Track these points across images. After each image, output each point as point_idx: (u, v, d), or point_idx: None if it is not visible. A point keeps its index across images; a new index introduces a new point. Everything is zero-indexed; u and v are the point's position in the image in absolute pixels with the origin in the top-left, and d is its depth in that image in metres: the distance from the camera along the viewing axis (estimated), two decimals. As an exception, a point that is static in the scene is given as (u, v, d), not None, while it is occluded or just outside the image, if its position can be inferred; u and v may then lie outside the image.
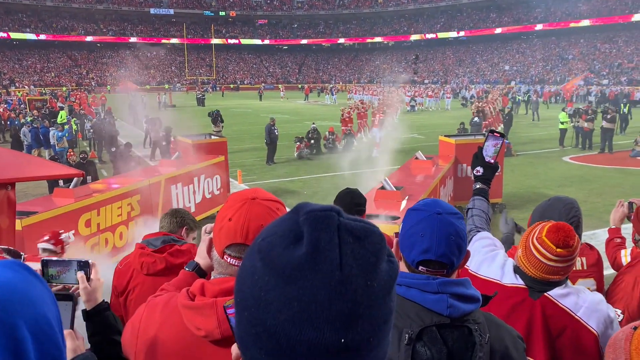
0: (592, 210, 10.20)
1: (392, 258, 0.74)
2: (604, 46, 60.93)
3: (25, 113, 28.45)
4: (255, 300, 0.69)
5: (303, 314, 0.65)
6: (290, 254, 0.68)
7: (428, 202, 1.48)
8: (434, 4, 79.60)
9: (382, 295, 0.69)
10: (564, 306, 1.94)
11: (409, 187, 7.97)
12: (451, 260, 1.39)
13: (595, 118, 19.25)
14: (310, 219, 0.70)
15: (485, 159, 2.44)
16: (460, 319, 1.33)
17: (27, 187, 12.17)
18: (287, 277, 0.67)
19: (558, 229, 1.93)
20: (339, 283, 0.66)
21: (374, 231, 0.72)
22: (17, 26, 70.60)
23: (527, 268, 1.99)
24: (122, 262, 3.08)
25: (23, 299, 0.80)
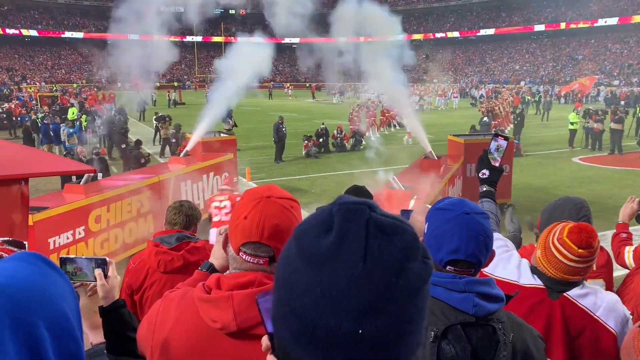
0: (601, 211, 10.12)
1: (427, 259, 0.74)
2: (615, 46, 60.40)
3: (36, 109, 28.65)
4: (284, 282, 0.73)
5: (324, 300, 0.67)
6: (319, 242, 0.70)
7: (455, 202, 1.49)
8: (443, 3, 79.24)
9: (407, 293, 0.69)
10: (583, 306, 1.94)
11: (418, 186, 7.96)
12: (479, 259, 1.41)
13: (605, 119, 19.10)
14: (342, 211, 0.72)
15: (490, 161, 2.44)
16: (484, 318, 1.35)
17: (37, 183, 12.28)
18: (313, 263, 0.69)
19: (580, 230, 1.92)
20: (361, 275, 0.67)
21: (406, 229, 0.72)
22: (29, 23, 71.08)
23: (546, 269, 1.98)
24: (135, 260, 3.09)
25: (41, 297, 0.80)
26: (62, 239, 6.63)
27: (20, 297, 0.78)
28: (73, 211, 6.88)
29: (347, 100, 45.45)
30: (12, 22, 69.64)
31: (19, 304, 0.77)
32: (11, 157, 2.78)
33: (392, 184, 7.42)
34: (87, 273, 1.51)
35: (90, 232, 7.12)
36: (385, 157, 17.49)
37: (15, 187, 2.55)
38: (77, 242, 6.86)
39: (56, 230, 6.54)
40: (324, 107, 41.21)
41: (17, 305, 0.77)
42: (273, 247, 1.34)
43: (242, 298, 1.32)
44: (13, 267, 0.84)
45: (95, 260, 1.53)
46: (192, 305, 1.37)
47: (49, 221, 6.44)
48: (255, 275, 1.35)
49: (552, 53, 66.07)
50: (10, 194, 2.53)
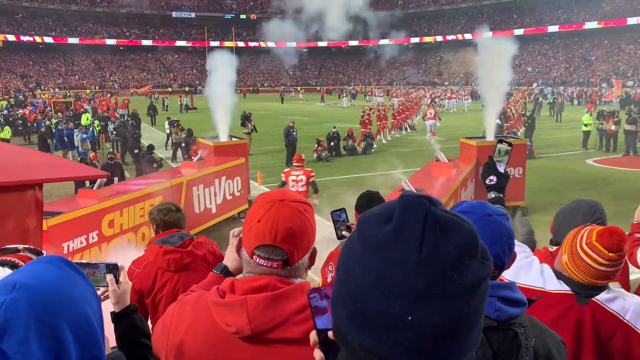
0: (616, 214, 10.00)
1: (486, 261, 0.75)
2: (628, 47, 59.77)
3: (50, 115, 29.01)
4: (344, 264, 0.77)
5: (377, 284, 0.70)
6: (379, 229, 0.74)
7: (475, 205, 1.49)
8: (454, 6, 79.03)
9: (461, 290, 0.70)
10: (612, 310, 1.91)
11: (430, 189, 7.92)
12: (503, 261, 1.41)
13: (621, 120, 18.88)
14: (403, 202, 0.75)
15: (498, 168, 2.43)
16: (506, 322, 1.33)
17: (51, 188, 12.40)
18: (372, 248, 0.73)
19: (612, 233, 1.89)
20: (415, 264, 0.69)
21: (464, 227, 0.74)
22: (43, 30, 72.06)
23: (574, 274, 1.95)
24: (139, 265, 3.11)
25: (66, 300, 0.82)
26: (76, 243, 6.69)
27: (47, 299, 0.79)
28: (86, 216, 6.94)
29: (357, 103, 45.48)
30: (26, 29, 70.64)
31: (45, 306, 0.78)
32: (25, 163, 2.82)
33: (404, 187, 7.39)
34: (99, 278, 1.52)
35: (103, 237, 7.18)
36: (397, 160, 17.45)
37: (30, 192, 2.57)
38: (90, 247, 6.91)
39: (70, 235, 6.60)
40: (335, 110, 41.23)
41: (44, 307, 0.78)
42: (287, 250, 1.34)
43: (256, 302, 1.32)
44: (40, 269, 0.85)
45: (107, 266, 1.54)
46: (207, 309, 1.38)
47: (63, 226, 6.50)
48: (270, 279, 1.35)
49: (564, 54, 65.58)
50: (25, 200, 2.55)
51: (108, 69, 75.20)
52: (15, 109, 35.44)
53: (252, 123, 19.61)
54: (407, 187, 7.32)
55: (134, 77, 74.00)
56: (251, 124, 19.40)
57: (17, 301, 0.77)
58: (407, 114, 26.97)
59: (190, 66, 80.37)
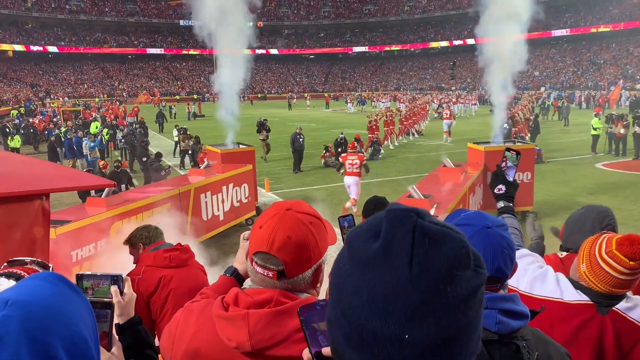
0: (626, 218, 9.93)
1: (480, 268, 0.74)
2: (637, 50, 59.41)
3: (59, 124, 29.25)
4: (336, 284, 0.76)
5: (370, 303, 0.69)
6: (367, 246, 0.72)
7: (473, 216, 1.46)
8: (461, 11, 79.01)
9: (456, 301, 0.69)
10: (633, 319, 1.89)
11: (438, 195, 7.89)
12: (505, 273, 1.39)
13: (630, 124, 18.74)
14: (390, 217, 0.74)
15: (506, 177, 2.41)
16: (508, 335, 1.30)
17: (61, 197, 12.49)
18: (361, 266, 0.72)
19: (632, 242, 1.86)
20: (407, 281, 0.68)
21: (454, 237, 0.72)
22: (52, 40, 72.84)
23: (593, 283, 1.92)
24: (137, 273, 3.27)
25: (59, 317, 0.81)
26: (85, 251, 6.71)
27: (39, 316, 0.78)
28: (95, 224, 6.96)
29: (366, 109, 45.49)
30: (36, 39, 71.43)
31: (38, 323, 0.77)
32: (32, 173, 2.83)
33: (411, 193, 7.36)
34: (103, 289, 1.52)
35: (112, 245, 7.19)
36: (405, 165, 17.42)
37: (37, 202, 2.58)
38: (99, 255, 6.93)
39: (79, 244, 6.62)
40: (341, 116, 41.26)
41: (36, 324, 0.77)
42: (282, 260, 1.31)
43: (258, 318, 1.30)
44: (34, 286, 0.84)
45: (112, 277, 1.54)
46: (211, 320, 1.37)
47: (72, 234, 6.53)
48: (273, 293, 1.33)
49: (572, 58, 65.32)
50: (32, 209, 2.56)
51: (117, 77, 75.82)
52: (25, 118, 35.77)
53: (267, 128, 19.72)
54: (415, 193, 7.29)
55: (142, 85, 74.53)
56: (266, 130, 19.49)
57: (9, 318, 0.76)
58: (415, 119, 26.92)
59: (198, 74, 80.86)
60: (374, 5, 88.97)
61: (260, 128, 19.63)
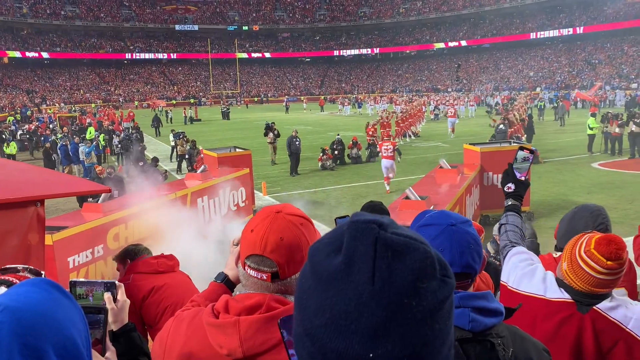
0: (623, 217, 9.96)
1: (447, 278, 0.71)
2: (631, 49, 59.69)
3: (56, 130, 29.19)
4: (299, 302, 0.72)
5: (334, 322, 0.66)
6: (329, 262, 0.69)
7: (437, 215, 1.48)
8: (456, 12, 79.26)
9: (422, 315, 0.66)
10: (614, 319, 1.89)
11: (434, 196, 7.90)
12: (474, 268, 1.40)
13: (627, 124, 18.79)
14: (351, 229, 0.71)
15: (516, 175, 2.42)
16: (482, 333, 1.31)
17: (57, 203, 12.46)
18: (323, 283, 0.69)
19: (609, 242, 1.87)
20: (370, 296, 0.65)
21: (417, 248, 0.69)
22: (48, 46, 72.81)
23: (574, 282, 1.93)
24: (126, 278, 3.31)
25: (50, 322, 0.81)
26: (82, 257, 6.69)
27: (31, 321, 0.79)
28: (92, 230, 6.95)
29: (363, 111, 45.54)
30: (31, 46, 71.37)
31: (29, 329, 0.78)
32: (27, 179, 2.83)
33: (408, 195, 7.37)
34: (96, 296, 1.52)
35: (109, 250, 7.18)
36: (401, 167, 17.44)
37: (32, 208, 2.58)
38: (96, 261, 6.92)
39: (76, 249, 6.61)
40: (338, 119, 41.29)
41: (28, 329, 0.78)
42: (275, 262, 1.32)
43: (248, 324, 1.30)
44: (25, 292, 0.85)
45: (105, 284, 1.54)
46: (201, 328, 1.37)
47: (69, 240, 6.51)
48: (263, 297, 1.33)
49: (567, 58, 65.56)
50: (27, 216, 2.56)
51: (113, 82, 75.77)
52: (22, 124, 35.71)
53: (275, 130, 19.72)
54: (412, 195, 7.31)
55: (138, 90, 74.50)
56: (273, 132, 19.48)
57: (1, 324, 0.77)
58: (411, 121, 26.97)
59: (194, 78, 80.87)
60: (369, 8, 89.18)
61: (268, 131, 19.64)
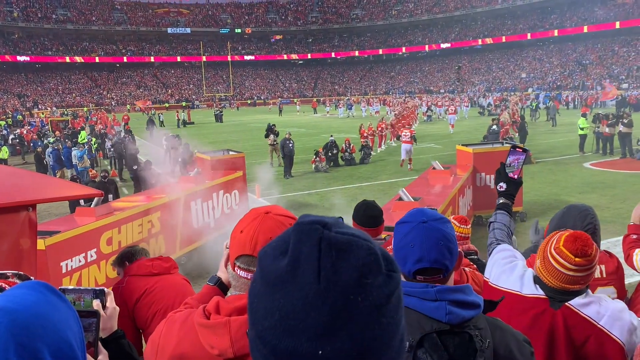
0: (615, 217, 10.02)
1: (392, 272, 0.73)
2: (622, 50, 60.17)
3: (48, 134, 29.04)
4: (250, 306, 0.75)
5: (283, 322, 0.68)
6: (276, 264, 0.72)
7: (413, 213, 1.52)
8: (448, 14, 79.61)
9: (369, 310, 0.68)
10: (585, 315, 1.92)
11: (427, 197, 7.93)
12: (444, 264, 1.43)
13: (617, 123, 18.93)
14: (296, 231, 0.73)
15: (508, 174, 2.45)
16: (460, 325, 1.34)
17: (50, 207, 12.40)
18: (271, 286, 0.71)
19: (575, 239, 1.92)
20: (316, 295, 0.67)
21: (361, 245, 0.71)
22: (40, 49, 72.47)
23: (546, 278, 1.98)
24: (121, 281, 3.33)
25: (45, 323, 0.82)
26: (75, 262, 6.66)
27: (26, 322, 0.80)
28: (84, 234, 6.92)
29: (349, 113, 45.59)
30: (22, 50, 71.03)
31: (25, 330, 0.79)
32: (18, 184, 2.82)
33: (401, 196, 7.40)
34: (85, 303, 1.52)
35: (102, 255, 7.15)
36: (394, 168, 17.48)
37: (23, 213, 2.58)
38: (89, 265, 6.89)
39: (68, 254, 6.58)
40: (331, 121, 41.33)
41: (23, 330, 0.78)
42: None
43: (239, 324, 1.31)
44: (20, 294, 0.86)
45: (94, 291, 1.54)
46: (193, 330, 1.38)
47: (61, 245, 6.48)
48: None
49: (558, 59, 65.99)
50: (18, 221, 2.55)
51: (105, 86, 75.52)
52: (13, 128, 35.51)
53: (275, 132, 19.69)
54: (405, 197, 7.33)
55: (130, 93, 74.28)
56: (274, 135, 19.44)
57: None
58: (404, 122, 27.03)
59: (187, 81, 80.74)
60: (361, 10, 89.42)
61: (269, 133, 19.62)
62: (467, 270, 3.15)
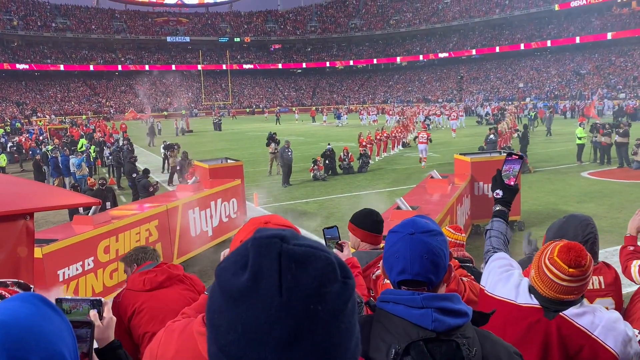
0: (612, 226, 10.03)
1: (348, 279, 0.75)
2: (618, 60, 60.49)
3: (47, 142, 29.02)
4: (211, 321, 0.75)
5: (246, 336, 0.69)
6: (237, 280, 0.73)
7: (405, 223, 1.51)
8: (445, 24, 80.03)
9: (329, 317, 0.71)
10: (579, 325, 1.92)
11: (425, 206, 7.92)
12: (428, 278, 1.41)
13: (612, 132, 18.99)
14: (255, 246, 0.75)
15: (504, 181, 2.44)
16: (447, 333, 1.32)
17: (47, 215, 12.37)
18: (233, 301, 0.72)
19: (569, 249, 1.92)
20: (279, 308, 0.69)
21: (319, 256, 0.74)
22: (39, 58, 72.60)
23: (540, 288, 1.98)
24: (118, 295, 3.22)
25: (38, 336, 0.82)
26: (72, 270, 6.64)
27: (19, 335, 0.79)
28: (82, 242, 6.90)
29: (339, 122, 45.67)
30: (22, 57, 71.14)
31: (18, 343, 0.78)
32: (16, 192, 2.82)
33: (399, 205, 7.39)
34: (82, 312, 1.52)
35: (99, 263, 7.13)
36: (392, 177, 17.50)
37: (21, 222, 2.57)
38: (86, 274, 6.86)
39: (66, 262, 6.56)
40: (329, 129, 41.37)
41: (16, 343, 0.78)
42: None
43: None
44: (14, 306, 0.86)
45: (91, 301, 1.54)
46: (192, 338, 1.38)
47: (59, 253, 6.46)
48: None
49: (556, 69, 66.29)
50: (16, 229, 2.55)
51: (104, 94, 75.61)
52: (11, 136, 35.49)
53: (276, 140, 19.69)
54: (402, 205, 7.32)
55: (129, 101, 74.36)
56: (275, 143, 19.44)
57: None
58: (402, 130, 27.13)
59: (185, 90, 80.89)
60: (359, 19, 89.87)
61: (270, 141, 19.64)
62: (465, 280, 3.13)
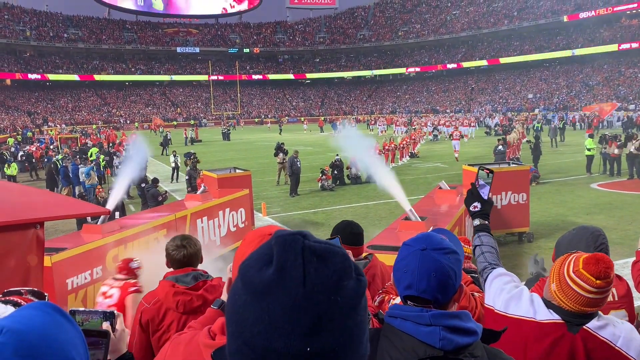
0: (623, 238, 9.94)
1: (361, 276, 0.82)
2: (628, 71, 60.22)
3: (57, 151, 29.27)
4: (235, 317, 0.80)
5: (272, 325, 0.74)
6: (262, 274, 0.78)
7: (418, 237, 1.48)
8: (454, 35, 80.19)
9: (346, 309, 0.77)
10: (603, 338, 1.90)
11: (434, 217, 7.89)
12: (434, 296, 1.37)
13: (625, 145, 18.83)
14: (279, 243, 0.81)
15: (481, 195, 2.44)
16: (455, 352, 1.30)
17: (56, 224, 12.45)
18: (259, 294, 0.77)
19: (597, 261, 1.88)
20: (303, 298, 0.75)
21: (337, 252, 0.81)
22: (50, 68, 73.47)
23: (563, 302, 1.94)
24: (149, 299, 3.01)
25: (52, 344, 0.83)
26: (80, 279, 6.66)
27: (33, 343, 0.81)
28: (91, 251, 6.92)
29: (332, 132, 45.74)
30: (34, 67, 72.02)
31: (32, 350, 0.80)
32: (26, 201, 2.84)
33: (408, 215, 7.37)
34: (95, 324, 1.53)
35: (108, 272, 7.14)
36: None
37: (31, 231, 2.59)
38: (94, 282, 6.88)
39: (74, 271, 6.58)
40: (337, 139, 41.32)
41: (30, 350, 0.80)
42: None
43: None
44: (28, 315, 0.87)
45: (104, 313, 1.54)
46: (198, 351, 1.38)
47: (68, 262, 6.48)
48: None
49: (565, 80, 66.10)
50: (26, 238, 2.57)
51: (114, 104, 76.28)
52: (22, 145, 35.84)
53: (284, 150, 19.76)
54: (412, 216, 7.31)
55: (139, 111, 74.97)
56: (283, 153, 19.51)
57: (4, 345, 0.79)
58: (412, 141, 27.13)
59: (195, 99, 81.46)
60: (368, 30, 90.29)
61: (278, 151, 19.71)
62: (477, 295, 3.09)
